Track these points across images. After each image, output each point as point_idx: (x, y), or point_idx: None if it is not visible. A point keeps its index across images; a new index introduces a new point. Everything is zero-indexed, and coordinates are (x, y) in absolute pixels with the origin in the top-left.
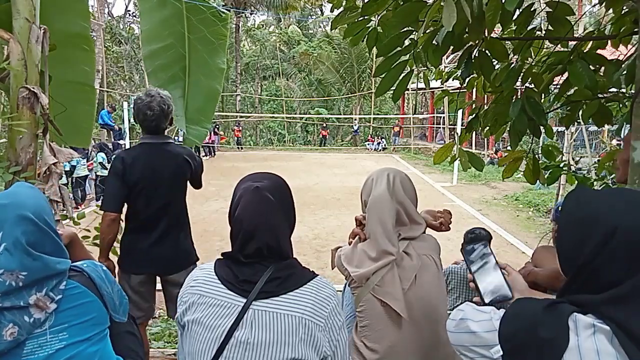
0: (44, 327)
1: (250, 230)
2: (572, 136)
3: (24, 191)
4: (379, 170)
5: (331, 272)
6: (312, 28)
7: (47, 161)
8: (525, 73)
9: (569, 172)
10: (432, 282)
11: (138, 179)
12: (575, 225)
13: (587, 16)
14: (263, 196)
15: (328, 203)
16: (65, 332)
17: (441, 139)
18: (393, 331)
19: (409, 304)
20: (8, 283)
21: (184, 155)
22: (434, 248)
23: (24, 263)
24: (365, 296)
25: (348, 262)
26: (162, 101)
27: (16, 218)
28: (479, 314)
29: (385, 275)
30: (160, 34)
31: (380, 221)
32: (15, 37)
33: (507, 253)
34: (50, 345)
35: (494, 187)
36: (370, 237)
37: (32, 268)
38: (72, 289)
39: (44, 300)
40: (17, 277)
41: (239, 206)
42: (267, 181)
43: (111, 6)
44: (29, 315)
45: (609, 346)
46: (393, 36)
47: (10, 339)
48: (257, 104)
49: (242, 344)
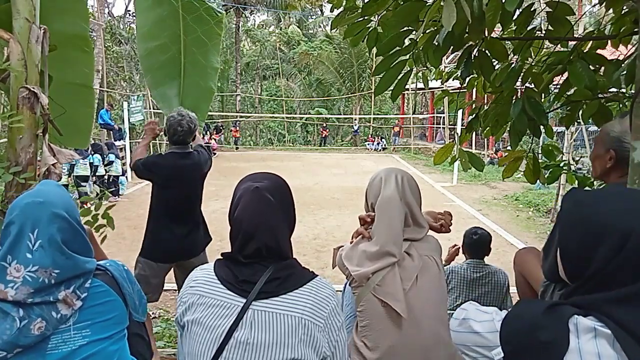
0: (69, 323)
1: (250, 230)
2: (572, 136)
3: (54, 190)
4: (385, 170)
5: (331, 272)
6: (312, 28)
7: (47, 161)
8: (525, 73)
9: (569, 172)
10: (432, 283)
11: (167, 176)
12: (583, 229)
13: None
14: (263, 196)
15: (328, 203)
16: (88, 329)
17: (441, 139)
18: (393, 331)
19: (409, 305)
20: (41, 280)
21: (202, 159)
22: (435, 249)
23: (57, 261)
24: (366, 296)
25: (349, 260)
26: (189, 121)
27: (51, 216)
28: (481, 314)
29: (387, 275)
30: (155, 33)
31: (390, 222)
32: (15, 37)
33: (507, 253)
34: (74, 341)
35: (494, 187)
36: (376, 237)
37: (65, 266)
38: (97, 287)
39: (71, 296)
40: (50, 274)
41: (239, 206)
42: (267, 181)
43: (111, 6)
44: (57, 310)
45: (610, 349)
46: (393, 36)
47: (38, 333)
48: (257, 104)
49: (242, 344)
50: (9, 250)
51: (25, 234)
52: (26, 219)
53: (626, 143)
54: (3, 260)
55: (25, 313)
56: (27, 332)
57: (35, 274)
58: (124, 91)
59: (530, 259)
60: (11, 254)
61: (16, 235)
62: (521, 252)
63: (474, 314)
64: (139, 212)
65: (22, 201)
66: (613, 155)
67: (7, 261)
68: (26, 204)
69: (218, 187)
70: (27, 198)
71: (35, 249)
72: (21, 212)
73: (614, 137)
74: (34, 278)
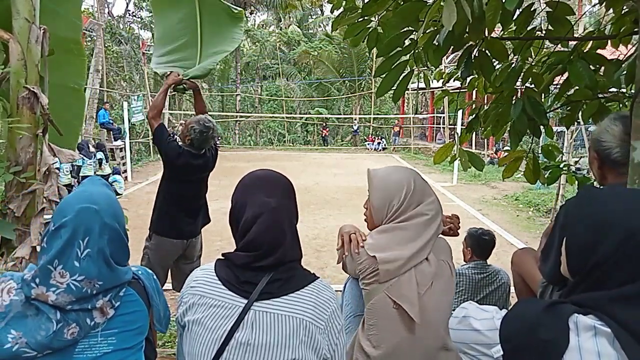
0: (97, 329)
1: (270, 251)
2: (572, 136)
3: (106, 195)
4: (402, 173)
5: (331, 272)
6: (312, 28)
7: (47, 161)
8: (525, 73)
9: (569, 172)
10: (445, 289)
11: (180, 170)
12: (588, 226)
13: (587, 16)
14: (279, 218)
15: (328, 203)
16: (114, 337)
17: (441, 139)
18: (402, 334)
19: (421, 309)
20: (85, 290)
21: (211, 159)
22: (448, 252)
23: (102, 272)
24: (378, 294)
25: (379, 252)
26: (214, 131)
27: (103, 226)
28: (481, 312)
29: (402, 277)
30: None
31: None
32: (15, 37)
33: (507, 253)
34: (99, 348)
35: (494, 187)
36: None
37: (108, 278)
38: (129, 296)
39: (107, 305)
40: (94, 285)
41: (255, 225)
42: (278, 194)
43: (111, 6)
44: (91, 318)
45: (610, 348)
46: (393, 36)
47: (70, 337)
48: (257, 103)
49: (243, 345)
50: (57, 254)
51: (76, 241)
52: (79, 226)
53: (604, 142)
54: (50, 264)
55: (62, 317)
56: (61, 336)
57: (80, 284)
58: (124, 91)
59: (528, 260)
60: (59, 258)
61: (67, 240)
62: (518, 252)
63: (474, 312)
64: (139, 212)
65: (76, 204)
66: (596, 157)
67: (54, 265)
68: (81, 209)
69: (218, 187)
70: (81, 202)
71: (83, 257)
72: (75, 217)
73: (594, 139)
74: (78, 287)
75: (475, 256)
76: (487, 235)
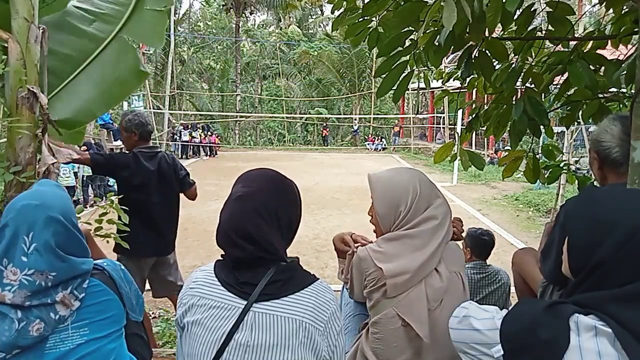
0: (66, 322)
1: (233, 240)
2: (572, 136)
3: (51, 191)
4: (406, 175)
5: (330, 272)
6: (312, 28)
7: (47, 161)
8: (525, 73)
9: (569, 171)
10: (456, 305)
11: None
12: (590, 226)
13: (587, 16)
14: (246, 208)
15: (328, 203)
16: (86, 327)
17: (441, 139)
18: (408, 351)
19: (431, 326)
20: (38, 283)
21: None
22: (461, 261)
23: (53, 264)
24: (386, 310)
25: (385, 262)
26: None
27: (46, 219)
28: (482, 312)
29: (411, 292)
30: None
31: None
32: (14, 36)
33: (507, 253)
34: (72, 340)
35: (494, 187)
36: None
37: (61, 269)
38: (94, 286)
39: (69, 297)
40: (46, 277)
41: (222, 214)
42: (251, 187)
43: None
44: (55, 312)
45: (611, 348)
46: (394, 36)
47: (36, 334)
48: (257, 103)
49: (242, 347)
50: (4, 253)
51: (20, 238)
52: (21, 222)
53: (603, 142)
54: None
55: (23, 315)
56: (26, 334)
57: (31, 277)
58: None
59: (528, 260)
60: (7, 257)
61: (11, 238)
62: (519, 252)
63: (474, 311)
64: None
65: (18, 203)
66: (596, 157)
67: (3, 264)
68: (22, 207)
69: (218, 187)
70: (23, 200)
71: (30, 252)
72: (17, 214)
73: (594, 139)
74: (30, 281)
75: (475, 256)
76: (486, 236)
